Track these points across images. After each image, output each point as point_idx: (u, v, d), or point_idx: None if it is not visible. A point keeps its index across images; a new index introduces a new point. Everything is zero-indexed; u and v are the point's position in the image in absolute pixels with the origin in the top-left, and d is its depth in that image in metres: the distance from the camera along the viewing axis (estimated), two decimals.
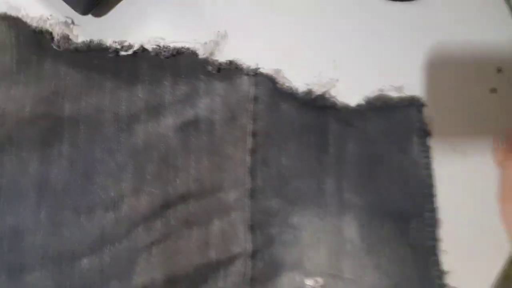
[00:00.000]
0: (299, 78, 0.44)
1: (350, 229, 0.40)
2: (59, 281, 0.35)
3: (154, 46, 0.40)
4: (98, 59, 0.40)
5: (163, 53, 0.40)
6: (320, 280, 0.37)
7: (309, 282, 0.37)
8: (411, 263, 0.39)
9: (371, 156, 0.41)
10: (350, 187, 0.41)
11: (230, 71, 0.41)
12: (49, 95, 0.38)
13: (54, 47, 0.40)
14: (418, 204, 0.40)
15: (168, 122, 0.39)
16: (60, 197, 0.36)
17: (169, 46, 0.41)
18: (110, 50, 0.40)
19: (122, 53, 0.40)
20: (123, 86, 0.39)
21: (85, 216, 0.36)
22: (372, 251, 0.39)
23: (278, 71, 0.42)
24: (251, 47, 0.43)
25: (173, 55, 0.41)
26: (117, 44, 0.40)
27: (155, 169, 0.38)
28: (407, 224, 0.40)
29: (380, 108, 0.42)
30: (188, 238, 0.37)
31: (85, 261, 0.36)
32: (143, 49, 0.40)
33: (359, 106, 0.43)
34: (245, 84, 0.41)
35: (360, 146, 0.41)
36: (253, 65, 0.42)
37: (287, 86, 0.42)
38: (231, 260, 0.37)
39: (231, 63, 0.41)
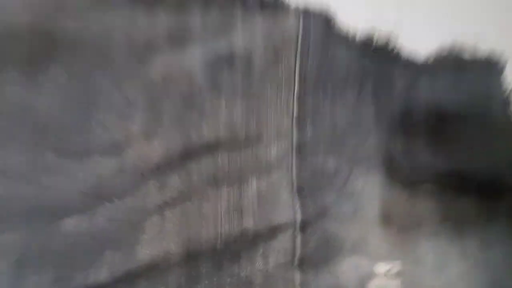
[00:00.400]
0: (356, 20, 0.36)
1: (428, 202, 0.30)
2: (29, 246, 0.24)
3: None
4: None
5: None
6: (395, 267, 0.26)
7: (380, 268, 0.26)
8: (506, 254, 0.29)
9: (443, 116, 0.33)
10: (424, 150, 0.31)
11: (274, 7, 0.33)
12: (48, 5, 0.29)
13: None
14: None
15: (196, 55, 0.30)
16: (47, 134, 0.26)
17: None
18: None
19: None
20: (141, 7, 0.30)
21: (78, 160, 0.26)
22: (455, 234, 0.29)
23: (331, 11, 0.34)
24: None
25: None
26: None
27: (174, 110, 0.29)
28: (496, 199, 0.30)
29: (453, 65, 0.34)
30: (216, 200, 0.29)
31: (71, 222, 0.25)
32: None
33: (428, 59, 0.35)
34: (292, 21, 0.33)
35: (430, 103, 0.33)
36: (302, 3, 0.34)
37: (343, 29, 0.34)
38: (273, 232, 0.27)
39: None
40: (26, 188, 0.29)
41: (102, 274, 0.28)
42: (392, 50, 0.39)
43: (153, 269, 0.29)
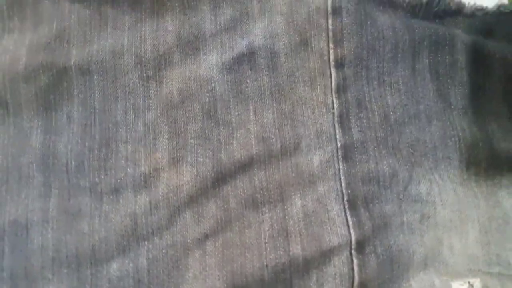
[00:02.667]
0: None
1: None
2: None
3: None
4: None
5: None
6: (477, 282, 0.20)
7: (459, 286, 0.21)
8: None
9: None
10: (504, 132, 0.24)
11: None
12: (49, 41, 0.27)
13: None
14: None
15: (212, 60, 0.30)
16: (74, 176, 0.27)
17: None
18: None
19: None
20: (146, 18, 0.27)
21: (109, 201, 0.25)
22: None
23: None
24: None
25: None
26: None
27: (199, 129, 0.29)
28: None
29: None
30: (258, 226, 0.28)
31: (114, 266, 0.26)
32: None
33: (500, 7, 0.27)
34: None
35: (509, 66, 0.25)
36: None
37: None
38: (325, 256, 0.28)
39: None
40: (67, 237, 0.28)
41: None
42: (450, 3, 0.31)
43: None
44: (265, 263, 0.28)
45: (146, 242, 0.29)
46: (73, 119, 0.31)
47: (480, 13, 0.31)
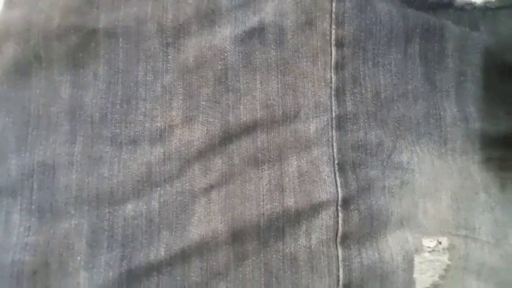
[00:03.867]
0: None
1: (484, 172, 0.27)
2: (96, 229, 0.28)
3: None
4: None
5: None
6: (444, 240, 0.24)
7: (428, 243, 0.24)
8: None
9: (507, 70, 0.28)
10: (481, 114, 0.28)
11: None
12: (80, 4, 0.30)
13: None
14: None
15: (226, 32, 0.32)
16: (97, 127, 0.29)
17: None
18: None
19: None
20: None
21: (128, 150, 0.28)
22: None
23: None
24: None
25: None
26: None
27: (210, 93, 0.32)
28: None
29: None
30: (257, 181, 0.32)
31: (129, 207, 0.28)
32: None
33: (487, 3, 0.29)
34: None
35: (490, 57, 0.29)
36: None
37: None
38: (315, 210, 0.31)
39: None
40: (88, 178, 0.32)
41: (160, 252, 0.31)
42: None
43: (204, 247, 0.31)
44: (262, 212, 0.31)
45: (158, 188, 0.32)
46: (99, 76, 0.34)
47: (468, 7, 0.34)
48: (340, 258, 0.29)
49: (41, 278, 0.30)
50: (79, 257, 0.31)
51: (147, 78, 0.33)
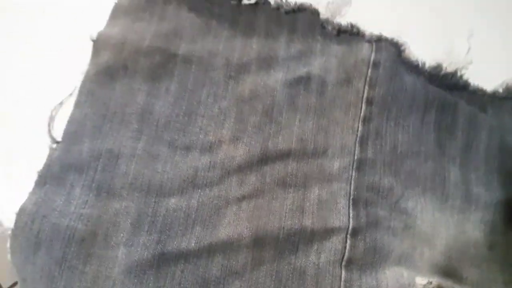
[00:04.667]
0: (426, 52, 0.39)
1: (477, 231, 0.32)
2: (141, 213, 0.33)
3: None
4: (219, 7, 0.40)
5: (284, 7, 0.38)
6: (434, 281, 0.29)
7: (420, 280, 0.29)
8: None
9: (504, 150, 0.34)
10: (479, 181, 0.34)
11: (350, 35, 0.38)
12: (168, 33, 0.38)
13: None
14: None
15: (278, 76, 0.38)
16: (160, 130, 0.36)
17: (291, 1, 0.39)
18: None
19: (245, 1, 0.38)
20: (238, 36, 0.38)
21: (181, 154, 0.35)
22: (503, 264, 0.31)
23: (404, 41, 0.37)
24: (376, 13, 0.40)
25: (293, 11, 0.39)
26: None
27: (257, 121, 0.36)
28: None
29: None
30: (282, 200, 0.34)
31: (172, 201, 0.33)
32: (265, 1, 0.39)
33: (495, 92, 0.36)
34: (365, 49, 0.37)
35: (492, 136, 0.35)
36: (376, 32, 0.38)
37: (413, 58, 0.37)
38: (327, 233, 0.33)
39: (352, 26, 0.38)
40: (143, 171, 0.37)
41: (191, 243, 0.34)
42: (459, 80, 0.41)
43: (228, 246, 0.34)
44: (282, 226, 0.36)
45: (199, 190, 0.38)
46: (170, 91, 0.41)
47: (480, 92, 0.41)
48: (342, 279, 0.34)
49: (87, 246, 0.36)
50: (122, 234, 0.36)
51: (208, 100, 0.40)
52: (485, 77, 0.40)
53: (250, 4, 0.42)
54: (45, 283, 0.34)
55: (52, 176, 0.37)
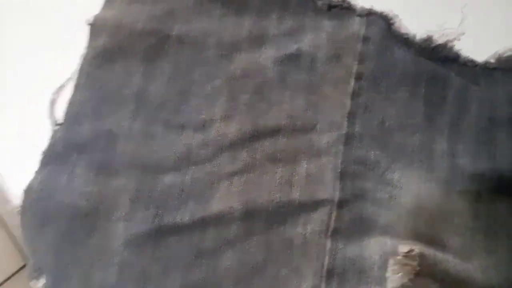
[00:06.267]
0: (418, 26, 0.39)
1: (461, 201, 0.33)
2: (139, 190, 0.35)
3: None
4: None
5: None
6: (417, 249, 0.30)
7: (403, 248, 0.31)
8: None
9: (495, 121, 0.34)
10: (466, 153, 0.34)
11: (341, 9, 0.38)
12: (162, 14, 0.40)
13: None
14: None
15: (269, 53, 0.39)
16: (155, 110, 0.38)
17: None
18: None
19: None
20: (231, 15, 0.39)
21: (175, 132, 0.36)
22: (487, 232, 0.32)
23: (395, 15, 0.38)
24: None
25: None
26: None
27: (248, 99, 0.38)
28: None
29: None
30: (272, 174, 0.37)
31: (168, 177, 0.36)
32: None
33: (487, 63, 0.36)
34: (355, 23, 0.38)
35: (483, 108, 0.35)
36: (367, 6, 0.38)
37: (403, 31, 0.37)
38: (314, 205, 0.35)
39: (343, 1, 0.38)
40: (140, 149, 0.38)
41: (185, 217, 0.36)
42: (450, 52, 0.41)
43: (220, 219, 0.36)
44: (272, 199, 0.38)
45: (193, 167, 0.40)
46: (164, 72, 0.43)
47: (470, 64, 0.41)
48: (327, 248, 0.36)
49: (89, 221, 0.38)
50: (121, 210, 0.39)
51: (201, 79, 0.42)
52: (478, 48, 0.40)
53: None
54: (53, 254, 0.37)
55: (55, 156, 0.40)
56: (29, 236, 0.38)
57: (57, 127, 0.40)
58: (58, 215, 0.38)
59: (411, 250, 0.34)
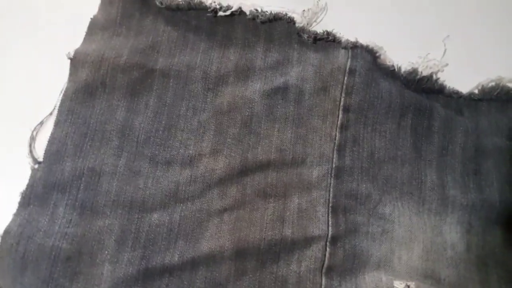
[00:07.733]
0: (402, 57, 0.40)
1: (453, 233, 0.34)
2: (125, 230, 0.34)
3: (252, 9, 0.39)
4: (196, 20, 0.40)
5: (260, 17, 0.39)
6: (412, 285, 0.30)
7: (399, 285, 0.30)
8: None
9: (481, 151, 0.35)
10: (455, 184, 0.35)
11: (326, 42, 0.38)
12: (145, 48, 0.39)
13: (157, 3, 0.40)
14: None
15: (256, 87, 0.38)
16: (141, 146, 0.36)
17: (267, 11, 0.39)
18: (209, 10, 0.39)
19: (220, 13, 0.39)
20: (216, 47, 0.39)
21: (162, 169, 0.35)
22: (479, 264, 0.32)
23: (379, 47, 0.38)
24: (351, 20, 0.41)
25: (269, 21, 0.39)
26: (216, 4, 0.40)
27: (236, 133, 0.37)
28: None
29: (496, 99, 0.36)
30: (263, 210, 0.35)
31: (155, 216, 0.34)
32: (240, 11, 0.39)
33: (471, 94, 0.37)
34: (341, 56, 0.38)
35: (468, 138, 0.36)
36: (352, 39, 0.39)
37: (389, 63, 0.38)
38: (307, 242, 0.34)
39: (328, 34, 0.39)
40: (125, 187, 0.37)
41: (174, 258, 0.35)
42: (435, 83, 0.42)
43: (211, 259, 0.35)
44: (264, 237, 0.37)
45: (181, 204, 0.39)
46: (149, 106, 0.42)
47: (455, 95, 0.42)
48: (323, 286, 0.35)
49: (72, 264, 0.37)
50: (106, 251, 0.37)
51: (187, 113, 0.41)
52: (462, 79, 0.41)
53: (226, 16, 0.42)
54: None
55: (36, 197, 0.38)
56: (7, 283, 0.36)
57: (37, 165, 0.39)
58: (38, 259, 0.36)
59: (406, 286, 0.33)
